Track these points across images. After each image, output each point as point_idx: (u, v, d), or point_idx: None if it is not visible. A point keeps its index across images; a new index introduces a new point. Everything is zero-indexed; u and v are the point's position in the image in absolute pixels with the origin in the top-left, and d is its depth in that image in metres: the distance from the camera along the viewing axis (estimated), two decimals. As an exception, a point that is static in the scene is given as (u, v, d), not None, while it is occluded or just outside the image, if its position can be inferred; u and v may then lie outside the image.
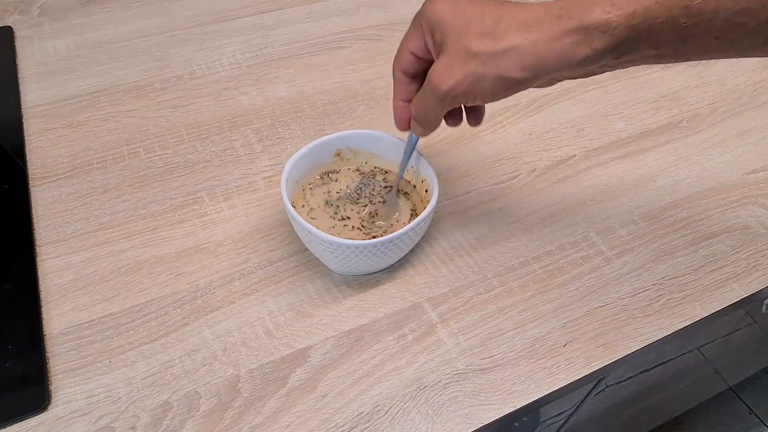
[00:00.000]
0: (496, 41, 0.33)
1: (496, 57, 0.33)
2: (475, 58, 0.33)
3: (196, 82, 0.61)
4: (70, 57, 0.63)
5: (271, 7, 0.71)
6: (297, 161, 0.43)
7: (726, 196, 0.52)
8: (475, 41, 0.33)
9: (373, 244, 0.39)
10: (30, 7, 0.69)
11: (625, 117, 0.59)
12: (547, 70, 0.33)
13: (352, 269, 0.43)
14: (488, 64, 0.33)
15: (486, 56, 0.33)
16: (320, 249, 0.41)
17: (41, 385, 0.38)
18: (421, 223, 0.40)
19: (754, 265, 0.47)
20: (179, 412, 0.37)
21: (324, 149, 0.46)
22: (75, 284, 0.43)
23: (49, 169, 0.51)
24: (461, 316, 0.43)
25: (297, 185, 0.45)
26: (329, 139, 0.45)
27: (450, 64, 0.34)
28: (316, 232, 0.39)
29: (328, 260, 0.43)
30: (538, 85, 0.36)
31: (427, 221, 0.41)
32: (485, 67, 0.33)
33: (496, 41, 0.33)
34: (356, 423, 0.37)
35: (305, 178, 0.46)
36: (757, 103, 0.61)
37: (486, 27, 0.33)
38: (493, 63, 0.33)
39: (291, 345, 0.41)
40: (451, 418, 0.38)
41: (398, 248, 0.41)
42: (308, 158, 0.45)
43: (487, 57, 0.33)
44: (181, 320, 0.42)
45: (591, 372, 0.40)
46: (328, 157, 0.47)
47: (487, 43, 0.33)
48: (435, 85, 0.35)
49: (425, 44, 0.37)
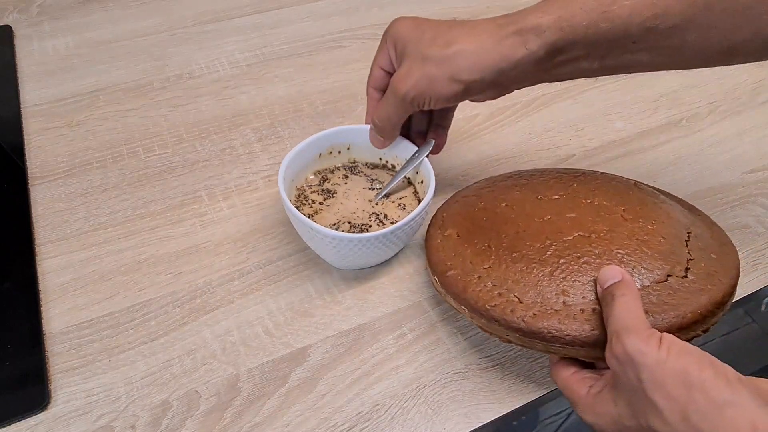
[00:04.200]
0: (447, 46, 0.37)
1: (447, 59, 0.37)
2: (429, 60, 0.38)
3: (195, 81, 0.60)
4: (69, 56, 0.63)
5: (271, 7, 0.71)
6: (293, 158, 0.43)
7: (725, 195, 0.52)
8: (429, 47, 0.38)
9: (367, 238, 0.39)
10: (29, 7, 0.69)
11: (625, 116, 0.59)
12: (492, 70, 0.37)
13: (352, 263, 0.43)
14: (441, 65, 0.37)
15: (439, 59, 0.37)
16: (321, 244, 0.41)
17: (41, 384, 0.38)
18: (416, 217, 0.40)
19: (753, 264, 0.47)
20: (179, 412, 0.37)
21: (319, 145, 0.46)
22: (74, 283, 0.43)
23: (49, 168, 0.51)
24: (461, 315, 0.43)
25: (292, 183, 0.45)
26: (325, 134, 0.46)
27: (408, 69, 0.39)
28: (316, 227, 0.39)
29: (329, 255, 0.43)
30: (492, 93, 0.39)
31: (422, 215, 0.41)
32: (438, 68, 0.37)
33: (448, 46, 0.37)
34: (356, 422, 0.37)
35: (301, 176, 0.46)
36: (757, 102, 0.61)
37: (440, 35, 0.38)
38: (446, 64, 0.37)
39: (290, 344, 0.41)
40: (451, 417, 0.38)
41: (394, 242, 0.41)
42: (305, 155, 0.45)
43: (439, 59, 0.37)
44: (180, 320, 0.42)
45: (590, 371, 0.40)
46: (322, 154, 0.47)
47: (440, 47, 0.37)
48: (394, 88, 0.39)
49: (390, 59, 0.42)
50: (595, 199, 0.39)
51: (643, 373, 0.28)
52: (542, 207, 0.39)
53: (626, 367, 0.29)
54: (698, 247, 0.36)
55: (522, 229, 0.38)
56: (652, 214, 0.38)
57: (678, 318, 0.33)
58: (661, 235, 0.36)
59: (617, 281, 0.32)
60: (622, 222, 0.37)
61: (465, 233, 0.40)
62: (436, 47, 0.38)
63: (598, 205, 0.39)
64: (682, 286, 0.34)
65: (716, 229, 0.40)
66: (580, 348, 0.33)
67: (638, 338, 0.29)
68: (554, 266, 0.35)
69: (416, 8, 0.71)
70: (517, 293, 0.35)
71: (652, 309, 0.33)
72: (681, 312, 0.33)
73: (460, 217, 0.42)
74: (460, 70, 0.37)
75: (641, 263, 0.34)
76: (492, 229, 0.39)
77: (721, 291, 0.34)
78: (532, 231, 0.37)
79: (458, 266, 0.38)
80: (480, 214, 0.41)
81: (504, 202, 0.41)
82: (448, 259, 0.39)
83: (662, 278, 0.34)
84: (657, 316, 0.33)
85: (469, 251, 0.38)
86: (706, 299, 0.33)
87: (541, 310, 0.34)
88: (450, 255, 0.39)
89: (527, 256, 0.36)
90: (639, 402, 0.28)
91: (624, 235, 0.36)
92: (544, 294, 0.34)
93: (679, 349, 0.28)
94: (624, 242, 0.36)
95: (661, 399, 0.27)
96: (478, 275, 0.37)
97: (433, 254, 0.40)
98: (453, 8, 0.71)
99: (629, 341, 0.29)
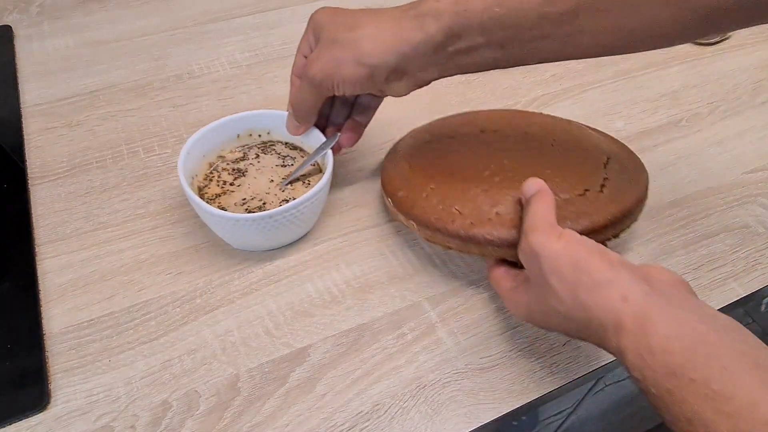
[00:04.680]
0: (354, 30, 0.38)
1: (352, 42, 0.38)
2: (337, 44, 0.39)
3: (195, 81, 0.60)
4: (69, 56, 0.63)
5: (271, 7, 0.71)
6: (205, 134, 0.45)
7: (725, 195, 0.52)
8: (339, 31, 0.39)
9: (254, 218, 0.40)
10: (29, 6, 0.69)
11: (625, 116, 0.59)
12: (394, 53, 0.37)
13: (247, 244, 0.44)
14: (346, 48, 0.38)
15: (345, 41, 0.38)
16: (210, 223, 0.42)
17: (41, 384, 0.38)
18: (306, 201, 0.41)
19: (753, 264, 0.47)
20: (179, 411, 0.37)
21: (236, 126, 0.48)
22: (74, 283, 0.43)
23: (49, 168, 0.51)
24: (461, 315, 0.43)
25: (203, 159, 0.47)
26: (228, 120, 0.47)
27: (318, 52, 0.40)
28: (204, 205, 0.40)
29: (222, 234, 0.44)
30: (400, 83, 0.40)
31: (315, 201, 0.42)
32: (343, 51, 0.38)
33: (354, 30, 0.38)
34: (356, 422, 0.37)
35: (213, 154, 0.48)
36: (757, 102, 0.61)
37: (349, 21, 0.39)
38: (351, 47, 0.38)
39: (290, 344, 0.41)
40: (451, 417, 0.38)
41: (283, 224, 0.42)
42: (220, 134, 0.47)
43: (345, 42, 0.38)
44: (180, 319, 0.42)
45: (590, 371, 0.40)
46: (240, 135, 0.48)
47: (347, 31, 0.39)
48: (305, 72, 0.41)
49: (310, 46, 0.42)
50: (530, 130, 0.46)
51: (543, 264, 0.32)
52: (485, 138, 0.46)
53: (531, 260, 0.34)
54: (614, 170, 0.42)
55: (465, 156, 0.44)
56: (578, 143, 0.45)
57: (591, 223, 0.39)
58: (584, 159, 0.43)
59: (536, 191, 0.36)
60: (551, 149, 0.44)
61: (415, 162, 0.45)
62: (344, 31, 0.39)
63: (532, 135, 0.45)
64: (597, 199, 0.40)
65: (633, 158, 0.46)
66: (507, 249, 0.39)
67: (541, 234, 0.33)
68: (490, 184, 0.41)
69: (416, 8, 0.71)
70: (457, 207, 0.40)
71: (571, 216, 0.39)
72: (594, 219, 0.39)
73: (411, 149, 0.47)
74: (364, 54, 0.38)
75: (564, 181, 0.40)
76: (439, 158, 0.45)
77: (629, 203, 0.41)
78: (474, 157, 0.43)
79: (408, 188, 0.43)
80: (429, 146, 0.47)
81: (451, 136, 0.47)
82: (398, 183, 0.44)
83: (581, 192, 0.40)
84: (574, 222, 0.39)
85: (418, 176, 0.44)
86: (615, 208, 0.40)
87: (477, 220, 0.39)
88: (401, 179, 0.45)
89: (468, 177, 0.42)
90: (542, 288, 0.33)
91: (552, 160, 0.43)
92: (480, 207, 0.40)
93: (575, 241, 0.32)
94: (551, 165, 0.42)
95: (557, 282, 0.32)
96: (425, 194, 0.42)
97: (386, 179, 0.46)
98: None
99: (533, 237, 0.33)
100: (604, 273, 0.30)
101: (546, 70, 0.63)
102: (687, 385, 0.26)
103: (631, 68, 0.64)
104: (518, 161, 0.42)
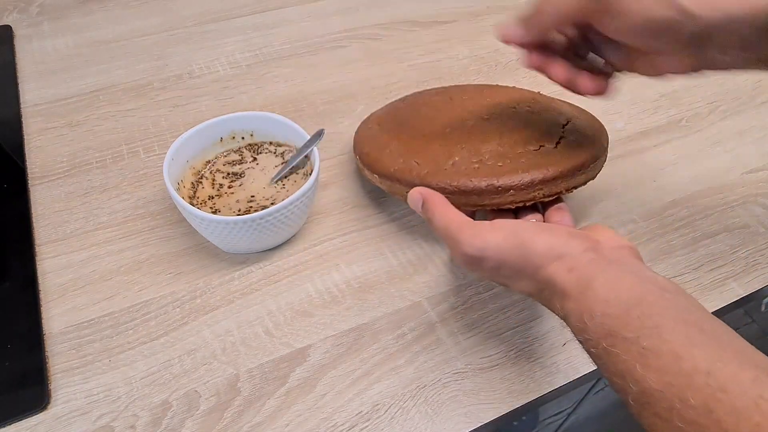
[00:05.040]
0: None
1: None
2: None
3: (195, 81, 0.60)
4: (69, 56, 0.62)
5: (271, 6, 0.71)
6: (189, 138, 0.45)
7: (725, 195, 0.52)
8: None
9: (243, 220, 0.40)
10: (29, 6, 0.69)
11: (625, 116, 0.59)
12: (722, 12, 0.30)
13: (236, 246, 0.44)
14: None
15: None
16: (201, 228, 0.42)
17: (41, 384, 0.38)
18: (291, 205, 0.41)
19: (753, 264, 0.47)
20: (179, 411, 0.37)
21: (208, 135, 0.47)
22: (74, 283, 0.43)
23: (49, 168, 0.51)
24: (461, 315, 0.43)
25: (187, 164, 0.46)
26: (211, 123, 0.47)
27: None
28: (190, 208, 0.40)
29: (210, 238, 0.44)
30: (691, 56, 0.33)
31: (304, 200, 0.42)
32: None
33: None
34: (356, 422, 0.37)
35: (200, 159, 0.47)
36: (757, 102, 0.61)
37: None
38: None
39: (290, 344, 0.41)
40: (451, 417, 0.38)
41: (273, 225, 0.42)
42: (203, 137, 0.47)
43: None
44: (180, 319, 0.42)
45: (590, 371, 0.40)
46: (224, 138, 0.48)
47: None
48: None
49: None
50: (497, 100, 0.47)
51: (488, 263, 0.32)
52: (452, 104, 0.48)
53: (474, 265, 0.33)
54: (572, 130, 0.44)
55: (431, 119, 0.46)
56: (542, 108, 0.46)
57: (542, 173, 0.40)
58: (544, 120, 0.44)
59: (422, 199, 0.36)
60: (514, 113, 0.45)
61: (385, 125, 0.48)
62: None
63: (498, 104, 0.46)
64: (550, 153, 0.41)
65: (596, 123, 0.46)
66: (459, 196, 0.40)
67: (470, 239, 0.32)
68: (448, 139, 0.43)
69: (416, 7, 0.71)
70: (417, 159, 0.43)
71: (523, 167, 0.40)
72: (545, 170, 0.40)
73: (384, 115, 0.50)
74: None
75: (521, 137, 0.42)
76: (407, 122, 0.47)
77: (581, 159, 0.41)
78: (439, 120, 0.46)
79: (374, 146, 0.46)
80: (400, 112, 0.49)
81: (423, 104, 0.49)
82: (367, 143, 0.47)
83: (536, 147, 0.42)
84: (526, 173, 0.40)
85: (385, 136, 0.46)
86: (567, 162, 0.41)
87: (433, 169, 0.41)
88: (370, 140, 0.47)
89: (430, 135, 0.44)
90: (498, 278, 0.34)
91: (511, 120, 0.44)
92: (437, 159, 0.42)
93: (511, 225, 0.32)
94: (510, 124, 0.44)
95: (511, 273, 0.32)
96: (388, 150, 0.45)
97: (357, 140, 0.49)
98: (453, 8, 0.71)
99: (465, 245, 0.32)
100: (554, 249, 0.31)
101: (546, 70, 0.63)
102: (621, 343, 0.27)
103: (631, 68, 0.64)
104: (479, 121, 0.45)
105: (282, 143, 0.49)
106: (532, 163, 0.40)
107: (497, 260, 0.32)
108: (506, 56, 0.65)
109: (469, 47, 0.66)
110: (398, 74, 0.62)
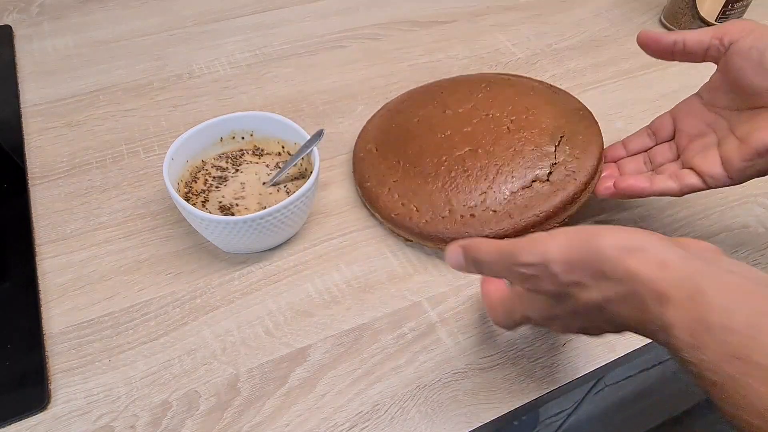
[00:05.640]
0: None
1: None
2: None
3: (195, 81, 0.60)
4: (69, 56, 0.63)
5: (271, 6, 0.71)
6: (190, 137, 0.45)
7: (725, 195, 0.52)
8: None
9: (244, 220, 0.40)
10: (29, 6, 0.69)
11: (625, 116, 0.59)
12: None
13: (235, 246, 0.44)
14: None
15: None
16: (195, 225, 0.42)
17: (40, 384, 0.38)
18: (291, 205, 0.41)
19: (753, 264, 0.47)
20: (179, 411, 0.37)
21: (208, 134, 0.47)
22: (74, 283, 0.43)
23: (49, 168, 0.51)
24: (461, 315, 0.43)
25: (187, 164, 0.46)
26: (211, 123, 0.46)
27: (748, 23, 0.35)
28: (190, 208, 0.40)
29: (210, 238, 0.43)
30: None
31: (304, 200, 0.42)
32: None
33: None
34: (356, 422, 0.37)
35: (198, 158, 0.47)
36: (757, 102, 0.61)
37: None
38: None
39: (290, 344, 0.41)
40: (451, 417, 0.38)
41: (273, 225, 0.42)
42: (203, 137, 0.47)
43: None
44: (180, 319, 0.42)
45: (590, 371, 0.40)
46: (224, 138, 0.48)
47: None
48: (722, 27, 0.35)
49: None
50: (490, 111, 0.48)
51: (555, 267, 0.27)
52: (446, 122, 0.49)
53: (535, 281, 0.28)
54: (564, 151, 0.45)
55: (425, 145, 0.47)
56: (534, 120, 0.47)
57: (534, 216, 0.43)
58: (535, 144, 0.45)
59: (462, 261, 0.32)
60: (506, 134, 0.46)
61: (382, 147, 0.49)
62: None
63: (491, 118, 0.48)
64: (542, 190, 0.43)
65: (592, 128, 0.47)
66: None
67: (529, 246, 0.28)
68: (444, 180, 0.45)
69: (416, 7, 0.71)
70: (415, 204, 0.45)
71: (516, 210, 0.43)
72: (537, 211, 0.43)
73: (379, 131, 0.51)
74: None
75: (513, 173, 0.44)
76: (401, 145, 0.48)
77: (573, 191, 0.43)
78: (433, 147, 0.47)
79: (374, 178, 0.47)
80: (394, 130, 0.50)
81: (416, 117, 0.50)
82: (366, 172, 0.48)
83: (528, 184, 0.43)
84: (518, 216, 0.43)
85: (383, 166, 0.48)
86: (559, 199, 0.43)
87: (432, 218, 0.44)
88: (369, 168, 0.48)
89: (425, 171, 0.46)
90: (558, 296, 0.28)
91: (504, 147, 0.45)
92: (434, 204, 0.44)
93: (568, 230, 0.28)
94: (503, 154, 0.45)
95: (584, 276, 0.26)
96: (388, 188, 0.46)
97: (357, 167, 0.50)
98: (453, 8, 0.72)
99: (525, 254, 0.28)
100: (628, 240, 0.25)
101: (545, 70, 0.63)
102: (754, 371, 0.21)
103: (631, 68, 0.64)
104: (472, 153, 0.46)
105: (282, 143, 0.49)
106: (524, 205, 0.43)
107: (564, 262, 0.27)
108: (506, 56, 0.65)
109: (469, 47, 0.66)
110: (398, 74, 0.62)
